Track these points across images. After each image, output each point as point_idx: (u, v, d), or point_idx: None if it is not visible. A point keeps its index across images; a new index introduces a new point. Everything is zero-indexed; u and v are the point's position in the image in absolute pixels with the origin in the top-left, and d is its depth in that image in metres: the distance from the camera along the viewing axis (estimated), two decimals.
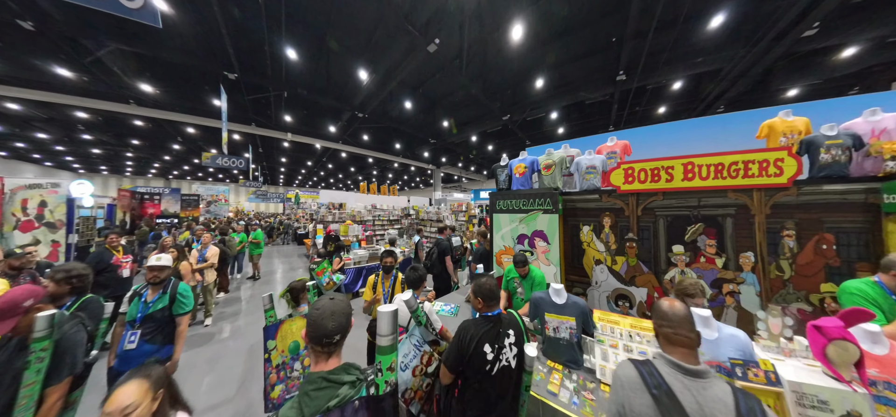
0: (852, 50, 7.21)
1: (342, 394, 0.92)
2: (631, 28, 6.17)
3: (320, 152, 17.33)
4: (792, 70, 8.12)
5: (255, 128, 11.42)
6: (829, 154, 2.08)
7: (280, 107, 9.65)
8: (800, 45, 6.79)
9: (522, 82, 8.41)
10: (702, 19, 6.09)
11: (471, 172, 24.32)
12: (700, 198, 2.40)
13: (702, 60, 7.52)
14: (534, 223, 3.00)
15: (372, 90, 8.53)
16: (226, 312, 5.36)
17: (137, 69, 7.73)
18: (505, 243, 3.24)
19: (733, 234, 2.28)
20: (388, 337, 1.16)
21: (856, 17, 6.16)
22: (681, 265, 2.45)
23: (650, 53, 7.04)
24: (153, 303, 2.14)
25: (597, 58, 7.45)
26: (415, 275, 2.22)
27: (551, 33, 6.53)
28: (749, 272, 2.22)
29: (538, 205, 2.96)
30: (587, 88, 8.42)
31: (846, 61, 7.66)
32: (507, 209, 3.19)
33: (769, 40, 6.59)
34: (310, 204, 26.41)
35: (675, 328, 0.97)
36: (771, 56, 7.14)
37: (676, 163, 2.45)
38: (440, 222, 9.36)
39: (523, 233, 3.08)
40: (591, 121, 11.18)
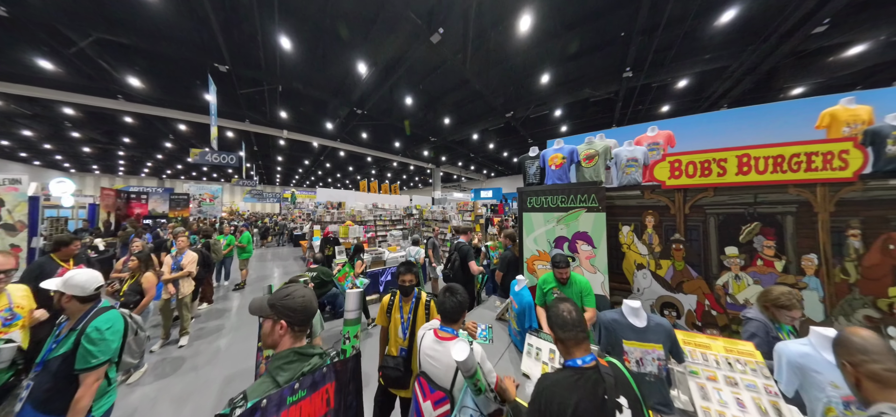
0: (858, 48, 7.05)
1: (312, 363, 1.03)
2: (640, 23, 5.90)
3: (318, 151, 16.86)
4: (797, 68, 7.93)
5: (249, 125, 10.93)
6: None
7: (275, 102, 9.19)
8: (807, 42, 6.60)
9: (527, 78, 8.09)
10: (712, 15, 5.87)
11: (470, 171, 23.99)
12: (756, 194, 2.13)
13: (709, 57, 7.29)
14: (575, 224, 2.52)
15: (371, 85, 8.13)
16: (207, 328, 4.58)
17: (124, 61, 7.24)
18: (538, 247, 2.73)
19: (794, 234, 2.04)
20: (354, 312, 1.49)
21: (866, 13, 5.98)
22: (735, 269, 2.18)
23: (658, 50, 6.79)
24: (59, 342, 1.43)
25: (604, 53, 7.17)
26: (454, 302, 1.42)
27: (559, 26, 6.22)
28: (812, 275, 1.98)
29: (581, 202, 2.48)
30: (593, 84, 8.13)
31: (851, 60, 7.50)
32: (542, 208, 2.67)
33: (778, 37, 6.39)
34: (307, 204, 25.84)
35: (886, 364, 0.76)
36: (778, 54, 6.95)
37: (730, 155, 2.17)
38: (446, 222, 8.96)
39: (562, 235, 2.59)
40: (593, 119, 10.91)
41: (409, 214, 11.90)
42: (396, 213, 11.29)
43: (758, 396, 1.36)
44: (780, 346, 1.38)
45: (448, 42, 6.21)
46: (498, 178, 26.46)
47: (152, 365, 3.37)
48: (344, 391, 1.10)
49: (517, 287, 2.16)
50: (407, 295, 1.94)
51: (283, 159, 20.34)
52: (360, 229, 7.43)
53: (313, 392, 0.98)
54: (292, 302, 1.06)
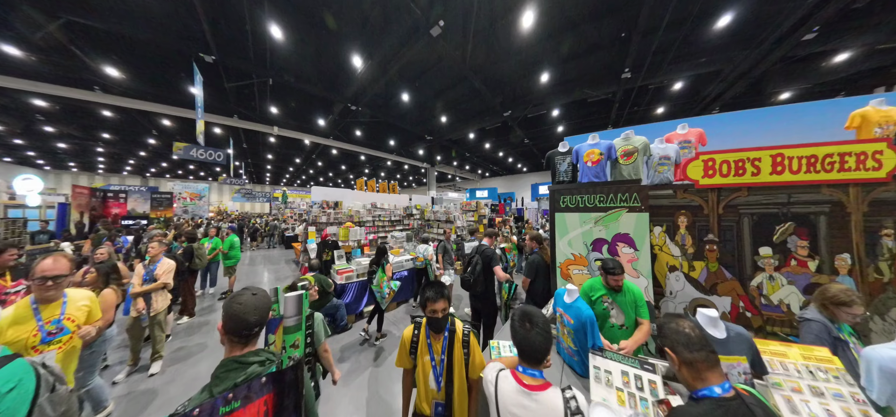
0: (845, 55, 7.20)
1: (250, 372, 0.97)
2: (642, 24, 5.79)
3: (310, 149, 16.27)
4: (786, 74, 8.05)
5: (238, 120, 10.36)
6: None
7: (265, 97, 8.69)
8: (797, 49, 6.69)
9: (526, 77, 7.89)
10: (710, 18, 5.85)
11: (465, 171, 23.75)
12: (790, 194, 2.09)
13: (705, 61, 7.29)
14: (615, 225, 2.31)
15: (366, 80, 7.76)
16: (187, 347, 3.86)
17: (99, 48, 6.65)
18: (573, 250, 2.46)
19: (827, 234, 2.02)
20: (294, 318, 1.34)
21: (854, 22, 6.08)
22: (769, 270, 2.12)
23: (657, 51, 6.72)
24: None
25: (604, 54, 7.05)
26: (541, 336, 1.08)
27: (561, 24, 6.04)
28: (845, 275, 1.97)
29: (621, 201, 2.30)
30: (592, 84, 8.00)
31: (837, 66, 7.66)
32: (577, 207, 2.44)
33: (770, 43, 6.44)
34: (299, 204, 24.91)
35: None
36: (770, 59, 7.02)
37: (764, 154, 2.11)
38: (449, 222, 8.58)
39: (600, 238, 2.37)
40: (589, 120, 10.84)
41: (409, 214, 11.39)
42: (396, 213, 10.67)
43: (847, 405, 1.22)
44: (870, 351, 1.32)
45: (448, 36, 5.93)
46: (492, 178, 26.34)
47: (114, 402, 2.63)
48: (282, 405, 1.01)
49: (568, 297, 1.83)
50: (438, 331, 1.43)
51: (274, 156, 19.60)
52: (360, 230, 6.61)
53: (247, 403, 0.91)
54: (229, 307, 1.02)
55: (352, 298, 4.57)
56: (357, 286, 4.70)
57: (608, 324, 1.91)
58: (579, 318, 1.68)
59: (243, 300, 1.03)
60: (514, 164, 21.40)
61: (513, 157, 18.79)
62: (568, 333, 1.77)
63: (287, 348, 1.18)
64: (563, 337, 1.84)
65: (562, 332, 1.86)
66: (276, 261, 9.75)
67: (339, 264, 5.17)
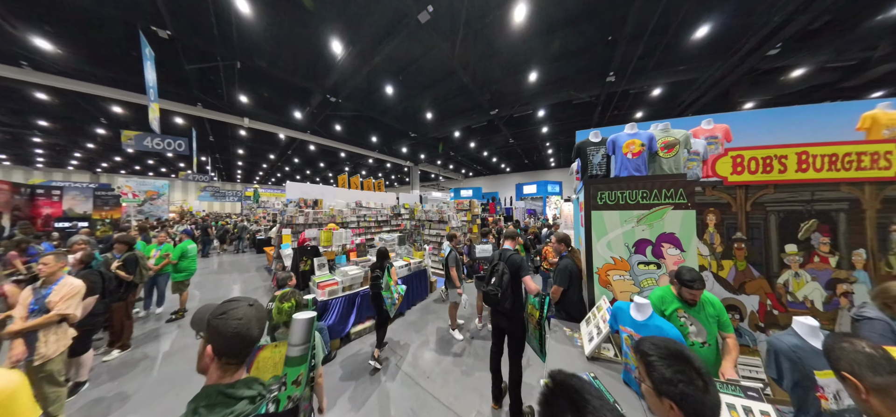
0: (800, 71, 7.71)
1: (238, 410, 0.79)
2: (628, 28, 5.79)
3: (285, 144, 15.15)
4: (751, 84, 8.49)
5: (202, 110, 9.27)
6: None
7: (233, 83, 7.78)
8: (763, 62, 7.03)
9: (515, 74, 7.68)
10: (690, 28, 6.02)
11: (449, 170, 23.39)
12: (813, 191, 2.09)
13: (683, 69, 7.49)
14: (660, 223, 2.08)
15: (347, 70, 7.15)
16: (112, 396, 2.77)
17: (21, 16, 5.53)
18: (613, 253, 2.16)
19: (847, 230, 2.06)
20: (300, 348, 1.01)
21: (810, 41, 6.49)
22: (794, 267, 2.10)
23: (641, 56, 6.77)
24: None
25: (590, 56, 7.04)
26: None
27: (553, 22, 5.90)
28: (861, 269, 2.03)
29: (665, 197, 2.07)
30: (577, 86, 7.95)
31: (793, 81, 8.18)
32: (616, 204, 2.14)
33: (741, 55, 6.73)
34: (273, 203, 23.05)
35: None
36: (739, 70, 7.35)
37: (790, 152, 2.10)
38: (443, 223, 7.92)
39: (644, 238, 2.11)
40: (573, 121, 10.86)
41: (397, 213, 10.57)
42: (383, 212, 9.62)
43: None
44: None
45: (437, 24, 5.52)
46: (476, 177, 26.21)
47: None
48: None
49: (638, 313, 1.48)
50: None
51: (245, 152, 18.07)
52: (346, 233, 5.35)
53: None
54: (223, 324, 0.84)
55: (336, 318, 3.70)
56: (343, 303, 3.85)
57: (687, 343, 1.61)
58: None
59: (241, 313, 0.87)
60: (498, 164, 21.38)
61: (497, 157, 18.71)
62: None
63: (288, 384, 0.93)
64: (635, 364, 1.44)
65: (633, 358, 1.46)
66: (246, 268, 8.52)
67: (321, 274, 4.26)
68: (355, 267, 4.46)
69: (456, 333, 3.98)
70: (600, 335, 1.78)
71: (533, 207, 16.12)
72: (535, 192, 16.73)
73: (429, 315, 4.86)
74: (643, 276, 2.08)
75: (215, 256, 10.92)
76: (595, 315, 1.99)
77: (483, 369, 3.10)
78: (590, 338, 1.84)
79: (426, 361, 3.48)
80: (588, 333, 1.91)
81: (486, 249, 4.10)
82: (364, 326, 4.13)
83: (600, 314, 1.93)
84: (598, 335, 1.79)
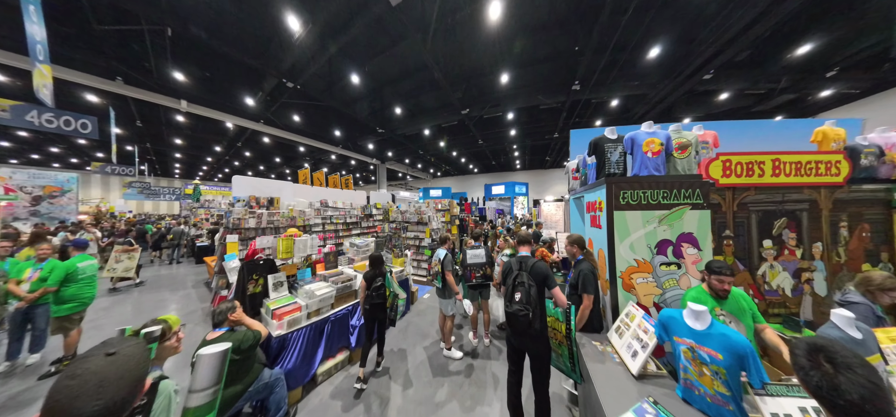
0: (726, 94, 8.87)
1: None
2: (594, 40, 6.09)
3: (234, 134, 13.34)
4: (688, 102, 9.50)
5: (124, 86, 7.64)
6: (867, 160, 2.45)
7: (164, 55, 6.46)
8: (699, 85, 7.90)
9: (488, 75, 7.58)
10: (644, 49, 6.59)
11: (418, 169, 22.82)
12: (783, 193, 2.39)
13: (637, 84, 8.07)
14: (679, 223, 2.05)
15: (307, 51, 6.37)
16: None
17: None
18: (636, 254, 2.06)
19: (809, 227, 2.38)
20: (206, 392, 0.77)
21: (735, 71, 7.47)
22: (770, 260, 2.38)
23: (603, 69, 7.14)
24: None
25: (558, 64, 7.27)
26: None
27: (527, 26, 5.93)
28: (819, 259, 2.35)
29: (684, 197, 2.06)
30: (546, 91, 8.11)
31: (721, 102, 9.36)
32: (639, 204, 2.06)
33: (683, 77, 7.46)
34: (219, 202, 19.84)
35: None
36: (681, 90, 8.13)
37: (766, 158, 2.39)
38: (422, 224, 6.89)
39: (665, 238, 2.04)
40: (539, 125, 11.18)
41: (368, 214, 8.75)
42: (352, 213, 8.13)
43: None
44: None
45: (409, 11, 5.12)
46: (445, 177, 26.01)
47: None
48: None
49: (696, 322, 1.33)
50: None
51: (185, 142, 15.55)
52: (311, 240, 4.01)
53: None
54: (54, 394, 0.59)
55: (298, 358, 2.68)
56: (308, 335, 2.83)
57: None
58: (731, 349, 1.21)
59: (82, 371, 0.61)
60: (466, 164, 21.43)
61: (466, 157, 18.71)
62: (713, 373, 1.24)
63: None
64: (698, 380, 1.29)
65: (694, 372, 1.31)
66: (181, 283, 6.71)
67: (277, 298, 3.08)
68: (325, 284, 3.33)
69: (452, 352, 3.37)
70: (646, 348, 1.57)
71: (501, 207, 16.50)
72: (503, 192, 17.22)
73: (415, 332, 4.07)
74: (665, 277, 2.02)
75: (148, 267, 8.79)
76: (627, 325, 1.79)
77: (492, 399, 2.64)
78: (632, 353, 1.63)
79: (420, 393, 2.75)
80: (626, 346, 1.71)
81: (478, 254, 3.43)
82: (335, 361, 3.09)
83: (635, 323, 1.74)
84: (643, 349, 1.58)
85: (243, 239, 5.27)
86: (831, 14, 5.66)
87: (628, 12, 5.28)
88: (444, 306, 3.35)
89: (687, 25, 5.98)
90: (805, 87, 8.20)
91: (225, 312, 1.99)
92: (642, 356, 1.57)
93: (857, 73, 7.69)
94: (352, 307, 3.41)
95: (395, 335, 3.93)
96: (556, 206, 10.83)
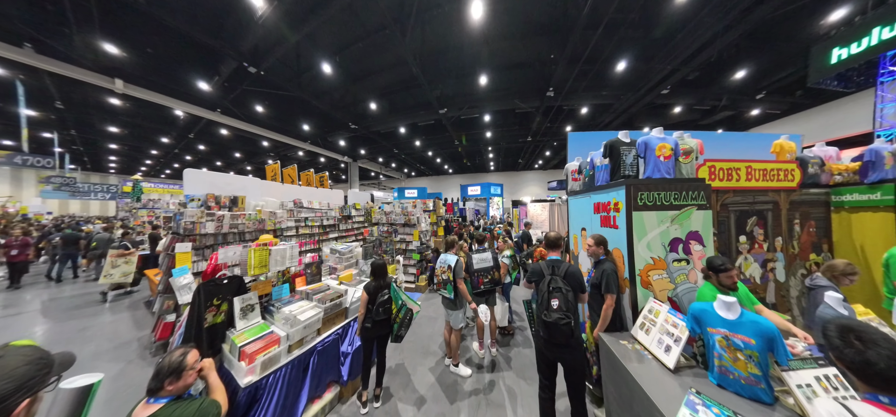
0: (678, 108, 9.73)
1: None
2: (568, 50, 6.36)
3: (184, 123, 11.73)
4: (648, 114, 10.28)
5: (33, 55, 6.27)
6: (813, 168, 2.87)
7: (90, 22, 5.39)
8: (657, 98, 8.57)
9: (467, 75, 7.49)
10: (611, 63, 7.02)
11: (391, 168, 22.11)
12: (754, 195, 2.71)
13: (606, 94, 8.49)
14: (688, 223, 2.17)
15: (272, 33, 5.74)
16: None
17: None
18: (652, 253, 2.13)
19: (772, 224, 2.74)
20: None
21: (686, 88, 8.27)
22: (744, 253, 2.67)
23: (577, 77, 7.44)
24: None
25: (535, 70, 7.44)
26: None
27: (505, 29, 6.01)
28: (780, 251, 2.72)
29: (692, 199, 2.18)
30: (522, 96, 8.21)
31: (675, 115, 10.28)
32: (654, 205, 2.16)
33: (644, 91, 8.03)
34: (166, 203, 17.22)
35: None
36: (641, 103, 8.75)
37: (741, 165, 2.74)
38: (410, 226, 6.34)
39: (676, 237, 2.15)
40: (512, 130, 11.35)
41: (347, 215, 7.64)
42: (330, 215, 7.19)
43: None
44: None
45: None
46: (419, 177, 25.57)
47: None
48: None
49: (728, 312, 1.44)
50: None
51: (125, 131, 13.24)
52: (291, 249, 3.04)
53: None
54: None
55: (277, 407, 2.03)
56: (288, 374, 2.15)
57: None
58: (762, 334, 1.34)
59: None
60: (441, 165, 21.25)
61: (441, 158, 18.52)
62: (746, 357, 1.35)
63: None
64: (732, 365, 1.39)
65: (729, 358, 1.40)
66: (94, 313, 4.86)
67: (247, 328, 2.27)
68: (308, 304, 2.62)
69: (461, 368, 3.03)
70: (679, 342, 1.62)
71: (477, 207, 16.63)
72: (479, 193, 17.39)
73: (414, 347, 3.61)
74: (677, 272, 2.13)
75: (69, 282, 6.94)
76: (652, 321, 1.83)
77: None
78: (665, 348, 1.67)
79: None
80: (656, 341, 1.73)
81: (485, 258, 3.20)
82: (323, 402, 2.45)
83: (660, 318, 1.78)
84: (676, 343, 1.63)
85: (198, 248, 4.08)
86: (759, 48, 6.51)
87: (599, 29, 5.51)
88: (452, 318, 2.97)
89: (649, 46, 6.44)
90: (740, 105, 9.30)
91: (175, 370, 1.17)
92: (677, 350, 1.61)
93: (778, 96, 8.94)
94: (342, 329, 2.76)
95: (392, 350, 3.29)
96: (541, 206, 11.03)
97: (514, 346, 3.64)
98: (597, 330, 2.06)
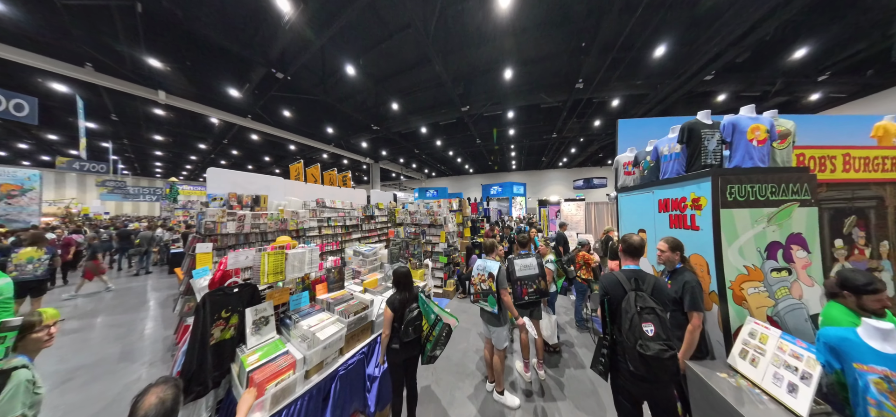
0: (723, 95, 8.84)
1: None
2: (600, 37, 5.88)
3: (219, 130, 12.52)
4: (686, 103, 9.44)
5: (94, 73, 6.87)
6: None
7: (137, 38, 5.78)
8: (699, 86, 7.80)
9: (490, 71, 7.23)
10: (650, 48, 6.37)
11: (412, 169, 22.25)
12: (853, 190, 2.25)
13: (640, 84, 7.88)
14: (788, 223, 1.68)
15: (299, 39, 5.84)
16: None
17: None
18: (745, 260, 1.68)
19: (876, 225, 2.26)
20: None
21: (734, 73, 7.41)
22: (841, 260, 2.20)
23: (608, 68, 6.95)
24: None
25: (563, 61, 7.00)
26: None
27: (533, 20, 5.67)
28: (886, 259, 2.23)
29: (792, 193, 1.70)
30: (548, 90, 7.82)
31: (717, 104, 9.36)
32: (746, 201, 1.68)
33: (685, 78, 7.33)
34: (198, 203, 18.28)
35: None
36: (681, 91, 7.99)
37: (837, 153, 2.27)
38: (436, 227, 6.07)
39: (775, 240, 1.67)
40: (537, 126, 10.92)
41: (370, 216, 7.47)
42: (353, 215, 6.96)
43: None
44: None
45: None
46: (439, 178, 25.53)
47: None
48: None
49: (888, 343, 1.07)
50: None
51: (167, 138, 14.43)
52: (311, 252, 2.61)
53: None
54: None
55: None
56: (306, 407, 1.74)
57: None
58: None
59: None
60: (462, 164, 21.03)
61: (462, 157, 18.31)
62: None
63: None
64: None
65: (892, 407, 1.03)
66: (143, 302, 5.39)
67: (258, 346, 1.89)
68: (330, 317, 2.26)
69: (506, 397, 2.54)
70: (809, 381, 1.22)
71: (500, 207, 16.28)
72: (501, 192, 17.01)
73: (446, 368, 3.12)
74: (777, 285, 1.65)
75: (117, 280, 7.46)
76: (759, 349, 1.41)
77: None
78: (788, 387, 1.26)
79: None
80: (771, 376, 1.33)
81: (529, 265, 2.77)
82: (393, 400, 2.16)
83: (772, 345, 1.38)
84: (803, 381, 1.22)
85: (219, 248, 3.93)
86: (826, 21, 5.65)
87: (637, 12, 5.04)
88: (495, 336, 2.49)
89: (693, 26, 5.82)
90: (796, 89, 8.26)
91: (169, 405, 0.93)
92: (808, 392, 1.21)
93: (844, 76, 7.82)
94: (367, 347, 2.25)
95: (421, 370, 2.65)
96: (576, 206, 10.30)
97: (564, 367, 3.12)
98: (682, 356, 1.62)
